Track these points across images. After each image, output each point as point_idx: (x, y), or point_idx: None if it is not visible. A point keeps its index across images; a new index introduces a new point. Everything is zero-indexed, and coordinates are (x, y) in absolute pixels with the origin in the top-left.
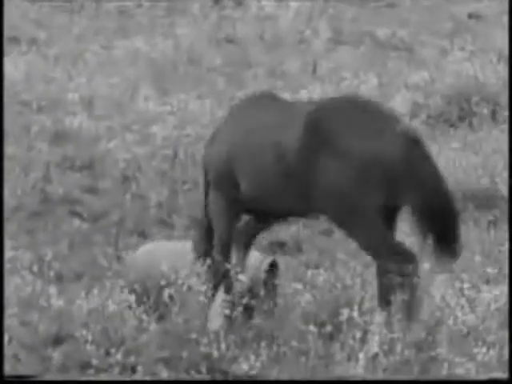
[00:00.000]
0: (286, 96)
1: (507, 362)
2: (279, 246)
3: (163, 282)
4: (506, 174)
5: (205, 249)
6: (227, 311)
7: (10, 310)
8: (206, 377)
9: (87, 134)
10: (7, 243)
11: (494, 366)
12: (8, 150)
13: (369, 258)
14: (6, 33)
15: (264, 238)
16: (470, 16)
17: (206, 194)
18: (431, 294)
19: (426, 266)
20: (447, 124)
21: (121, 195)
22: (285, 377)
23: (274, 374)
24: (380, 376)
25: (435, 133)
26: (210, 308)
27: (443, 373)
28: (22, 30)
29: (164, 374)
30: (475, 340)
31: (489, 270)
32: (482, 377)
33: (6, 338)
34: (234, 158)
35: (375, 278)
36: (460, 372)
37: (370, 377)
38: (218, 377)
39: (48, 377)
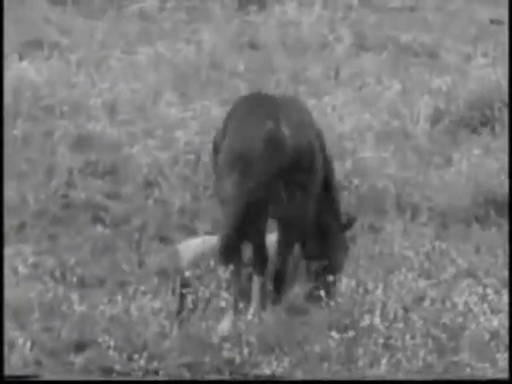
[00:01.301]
0: (310, 102)
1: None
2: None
3: (186, 290)
4: None
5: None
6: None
7: (32, 316)
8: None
9: (110, 139)
10: (29, 248)
11: None
12: (31, 155)
13: (391, 264)
14: (29, 37)
15: None
16: (492, 21)
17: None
18: (454, 300)
19: (449, 270)
20: (469, 129)
21: (143, 200)
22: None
23: (297, 378)
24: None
25: (458, 138)
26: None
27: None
28: (44, 34)
29: (186, 379)
30: (497, 345)
31: None
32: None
33: (28, 343)
34: None
35: (398, 283)
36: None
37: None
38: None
39: (48, 377)
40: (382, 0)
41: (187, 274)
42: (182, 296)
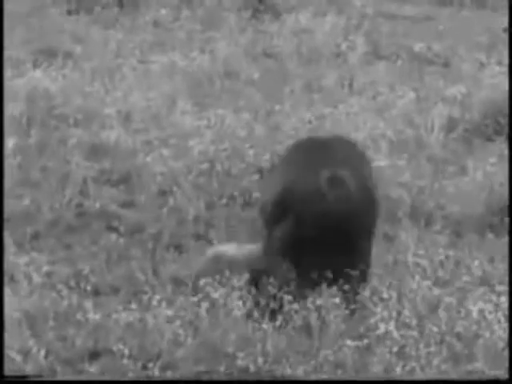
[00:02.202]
0: (324, 111)
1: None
2: None
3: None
4: None
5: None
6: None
7: (46, 325)
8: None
9: (124, 147)
10: (44, 257)
11: None
12: (45, 163)
13: (405, 271)
14: (43, 46)
15: None
16: (505, 30)
17: None
18: (468, 308)
19: (464, 279)
20: (484, 138)
21: (157, 209)
22: None
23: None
24: None
25: (472, 147)
26: None
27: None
28: (58, 43)
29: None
30: None
31: None
32: None
33: (42, 352)
34: None
35: (412, 292)
36: None
37: None
38: None
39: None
40: (395, 9)
41: (202, 282)
42: (197, 304)
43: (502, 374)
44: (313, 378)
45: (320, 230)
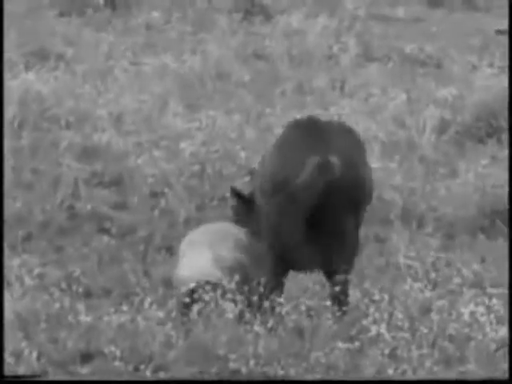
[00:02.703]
0: (315, 112)
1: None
2: None
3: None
4: None
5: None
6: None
7: (38, 327)
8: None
9: (116, 149)
10: (35, 259)
11: None
12: (36, 165)
13: (396, 274)
14: (34, 48)
15: None
16: (497, 32)
17: None
18: (460, 310)
19: (456, 281)
20: (476, 140)
21: (149, 211)
22: None
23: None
24: None
25: (464, 149)
26: None
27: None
28: (50, 45)
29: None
30: (504, 355)
31: None
32: None
33: (34, 354)
34: None
35: (404, 294)
36: None
37: None
38: None
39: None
40: (387, 11)
41: (192, 284)
42: (188, 306)
43: (494, 376)
44: (305, 379)
45: (307, 208)
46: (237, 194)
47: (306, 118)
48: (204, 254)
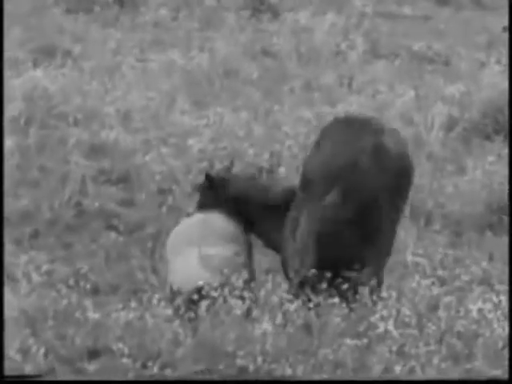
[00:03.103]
0: (323, 109)
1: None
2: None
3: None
4: None
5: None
6: None
7: (46, 324)
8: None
9: (123, 146)
10: (43, 256)
11: None
12: (44, 163)
13: (404, 271)
14: (42, 45)
15: None
16: (504, 29)
17: None
18: (468, 307)
19: (464, 278)
20: (483, 137)
21: (157, 208)
22: None
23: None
24: None
25: (471, 145)
26: None
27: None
28: (58, 42)
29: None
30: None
31: None
32: None
33: (42, 351)
34: None
35: (412, 291)
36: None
37: None
38: None
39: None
40: (395, 8)
41: (200, 282)
42: (195, 303)
43: (502, 373)
44: (313, 377)
45: (360, 205)
46: (210, 178)
47: (346, 116)
48: (190, 255)
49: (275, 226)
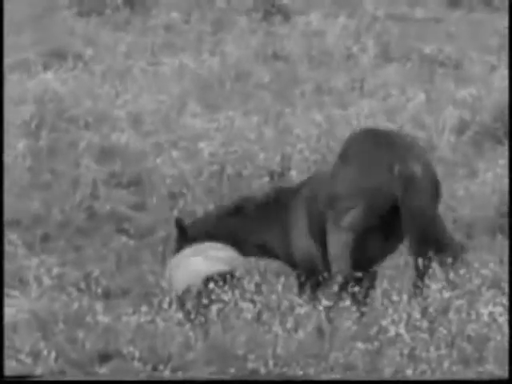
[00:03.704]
0: (334, 113)
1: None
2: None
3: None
4: None
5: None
6: None
7: (57, 327)
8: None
9: (134, 150)
10: (54, 260)
11: None
12: (55, 166)
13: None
14: (53, 48)
15: None
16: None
17: None
18: (479, 311)
19: (475, 282)
20: (494, 140)
21: (168, 211)
22: None
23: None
24: None
25: (482, 149)
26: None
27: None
28: (69, 45)
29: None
30: None
31: None
32: None
33: (53, 354)
34: None
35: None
36: None
37: None
38: None
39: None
40: (406, 11)
41: (211, 285)
42: (206, 307)
43: None
44: (322, 378)
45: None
46: (180, 225)
47: (368, 129)
48: (196, 258)
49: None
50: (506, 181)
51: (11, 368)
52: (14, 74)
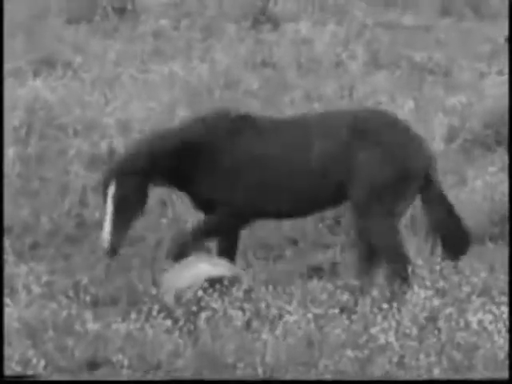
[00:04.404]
0: None
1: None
2: (315, 270)
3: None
4: None
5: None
6: None
7: (45, 335)
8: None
9: None
10: (43, 267)
11: None
12: (44, 173)
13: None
14: (42, 55)
15: (300, 261)
16: (506, 39)
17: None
18: (468, 319)
19: (464, 289)
20: (484, 148)
21: (157, 219)
22: None
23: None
24: None
25: (472, 157)
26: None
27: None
28: (58, 52)
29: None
30: None
31: None
32: None
33: (42, 362)
34: None
35: (412, 302)
36: None
37: None
38: None
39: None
40: (395, 19)
41: (200, 293)
42: (196, 314)
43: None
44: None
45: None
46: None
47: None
48: (196, 264)
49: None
50: (497, 188)
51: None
52: (4, 81)
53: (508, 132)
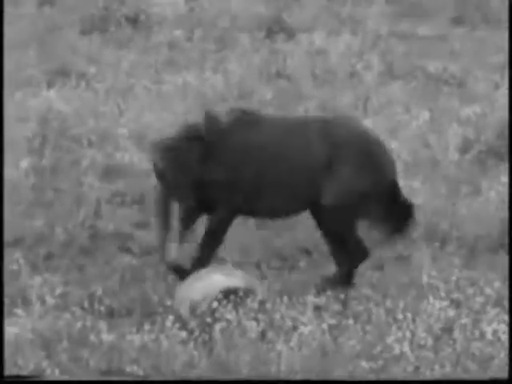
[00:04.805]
0: None
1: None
2: (327, 280)
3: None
4: None
5: None
6: None
7: (60, 346)
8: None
9: (137, 168)
10: (57, 279)
11: None
12: (58, 185)
13: (419, 292)
14: (56, 66)
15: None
16: None
17: None
18: (483, 329)
19: (479, 300)
20: (497, 158)
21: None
22: None
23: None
24: None
25: (486, 167)
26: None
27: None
28: (72, 63)
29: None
30: None
31: None
32: None
33: (56, 373)
34: None
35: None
36: None
37: None
38: None
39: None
40: (410, 29)
41: (215, 304)
42: (210, 326)
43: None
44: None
45: None
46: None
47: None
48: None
49: None
50: (510, 198)
51: None
52: (18, 92)
53: (508, 144)
